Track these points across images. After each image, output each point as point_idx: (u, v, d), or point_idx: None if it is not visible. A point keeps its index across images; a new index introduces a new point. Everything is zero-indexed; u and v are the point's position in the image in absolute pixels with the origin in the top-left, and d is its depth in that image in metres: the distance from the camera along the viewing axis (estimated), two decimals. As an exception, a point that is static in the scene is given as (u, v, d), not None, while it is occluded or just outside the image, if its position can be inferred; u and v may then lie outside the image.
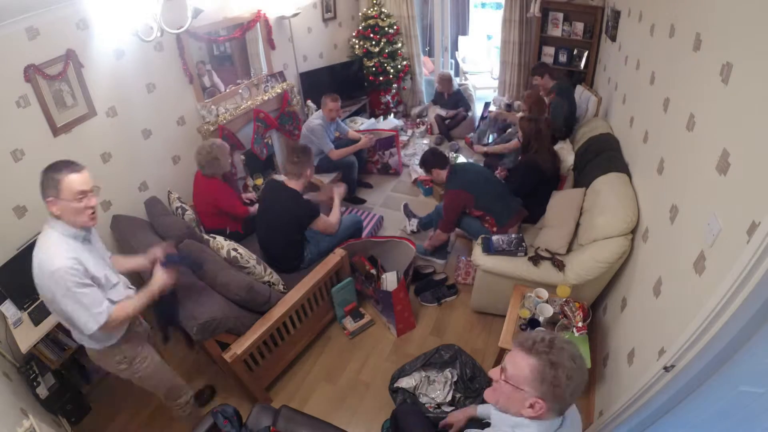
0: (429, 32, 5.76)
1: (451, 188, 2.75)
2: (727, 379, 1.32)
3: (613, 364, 2.05)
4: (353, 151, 3.83)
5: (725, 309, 1.19)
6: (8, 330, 2.18)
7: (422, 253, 3.21)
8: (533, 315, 2.11)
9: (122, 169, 2.81)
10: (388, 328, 2.75)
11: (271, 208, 2.60)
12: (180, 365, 2.60)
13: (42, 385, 2.17)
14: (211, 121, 3.29)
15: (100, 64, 2.53)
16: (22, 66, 2.16)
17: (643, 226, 2.07)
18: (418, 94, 5.46)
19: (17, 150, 2.23)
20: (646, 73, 2.35)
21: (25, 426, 1.64)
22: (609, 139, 2.87)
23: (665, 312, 1.60)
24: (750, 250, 1.10)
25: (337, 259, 2.59)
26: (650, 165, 2.08)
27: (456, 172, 2.79)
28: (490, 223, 2.73)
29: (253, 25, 3.56)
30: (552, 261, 2.40)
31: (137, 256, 1.92)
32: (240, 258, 2.30)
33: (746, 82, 1.31)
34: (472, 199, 2.70)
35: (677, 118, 1.78)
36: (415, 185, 4.15)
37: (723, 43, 1.49)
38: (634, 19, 2.82)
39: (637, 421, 1.65)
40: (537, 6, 4.10)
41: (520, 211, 2.79)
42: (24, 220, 2.29)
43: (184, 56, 3.03)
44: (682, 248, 1.53)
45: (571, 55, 4.28)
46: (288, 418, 1.76)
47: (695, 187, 1.55)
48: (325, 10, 4.54)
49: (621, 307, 2.12)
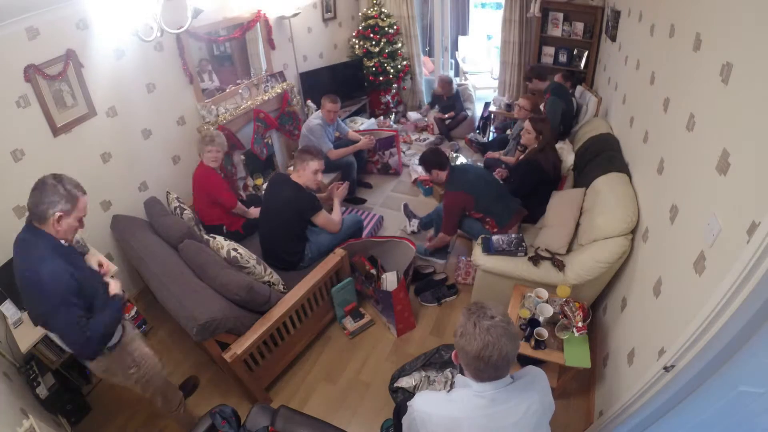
0: (429, 32, 5.76)
1: (451, 190, 2.73)
2: (727, 379, 1.33)
3: (613, 364, 2.05)
4: (352, 152, 3.83)
5: (725, 309, 1.19)
6: (8, 330, 2.18)
7: (422, 254, 3.21)
8: (533, 315, 2.11)
9: (122, 169, 2.81)
10: (388, 328, 2.75)
11: (273, 199, 2.61)
12: (179, 366, 2.60)
13: (42, 385, 2.17)
14: (211, 121, 3.29)
15: (100, 64, 2.53)
16: (22, 66, 2.16)
17: (643, 226, 2.07)
18: (418, 94, 5.46)
19: (17, 150, 2.23)
20: (646, 73, 2.35)
21: (25, 426, 1.63)
22: (609, 139, 2.87)
23: (665, 312, 1.60)
24: (750, 250, 1.10)
25: (337, 259, 2.59)
26: (650, 165, 2.08)
27: (455, 173, 2.75)
28: (490, 224, 2.73)
29: (253, 25, 3.56)
30: (552, 261, 2.40)
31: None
32: (240, 258, 2.30)
33: (746, 82, 1.31)
34: (472, 201, 2.69)
35: (677, 118, 1.78)
36: (415, 185, 4.15)
37: (723, 43, 1.49)
38: (634, 19, 2.82)
39: (637, 421, 1.65)
40: (537, 6, 4.10)
41: (520, 211, 2.79)
42: (24, 220, 2.28)
43: (184, 56, 3.03)
44: (682, 248, 1.53)
45: (571, 55, 4.28)
46: (286, 418, 1.76)
47: (695, 187, 1.55)
48: (325, 10, 4.54)
49: (621, 307, 2.12)
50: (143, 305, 2.85)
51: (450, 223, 2.81)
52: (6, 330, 2.20)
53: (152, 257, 2.33)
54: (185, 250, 2.32)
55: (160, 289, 2.18)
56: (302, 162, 2.55)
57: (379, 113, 5.20)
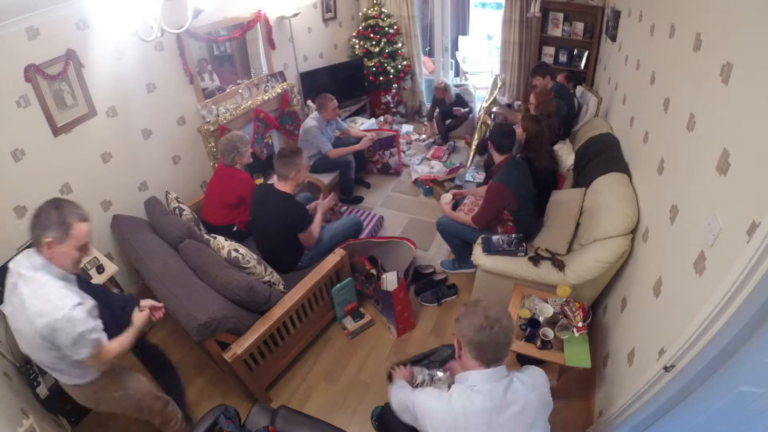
0: (429, 32, 5.75)
1: (503, 183, 2.50)
2: (727, 379, 1.33)
3: (613, 364, 2.05)
4: (351, 152, 3.83)
5: (725, 309, 1.19)
6: (8, 330, 2.17)
7: (451, 268, 3.11)
8: (533, 315, 2.12)
9: (122, 169, 2.81)
10: (388, 328, 2.75)
11: (262, 215, 2.56)
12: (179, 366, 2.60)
13: (42, 384, 2.17)
14: (212, 120, 3.29)
15: (101, 64, 2.53)
16: (23, 66, 2.16)
17: (643, 226, 2.07)
18: (418, 94, 5.46)
19: (17, 150, 2.23)
20: (647, 73, 2.35)
21: (26, 426, 1.64)
22: (609, 139, 2.86)
23: (665, 312, 1.60)
24: (750, 250, 1.10)
25: (337, 259, 2.59)
26: (650, 165, 2.08)
27: (513, 167, 2.54)
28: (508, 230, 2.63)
29: (253, 25, 3.56)
30: (552, 261, 2.40)
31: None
32: (241, 258, 2.30)
33: (746, 82, 1.31)
34: (515, 205, 2.51)
35: (677, 118, 1.78)
36: (415, 185, 4.15)
37: (723, 43, 1.49)
38: (635, 19, 2.82)
39: (637, 421, 1.65)
40: (537, 6, 4.09)
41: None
42: (24, 219, 2.29)
43: (185, 56, 3.04)
44: (682, 248, 1.53)
45: (571, 55, 4.28)
46: (286, 418, 1.76)
47: (695, 187, 1.55)
48: (326, 10, 4.54)
49: (621, 307, 2.12)
50: (143, 305, 2.85)
51: (485, 216, 2.62)
52: (6, 329, 2.20)
53: (152, 257, 2.33)
54: (185, 250, 2.32)
55: (160, 289, 2.18)
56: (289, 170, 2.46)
57: (380, 113, 5.20)
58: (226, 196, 2.84)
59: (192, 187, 3.38)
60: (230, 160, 2.82)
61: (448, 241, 3.02)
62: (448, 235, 2.95)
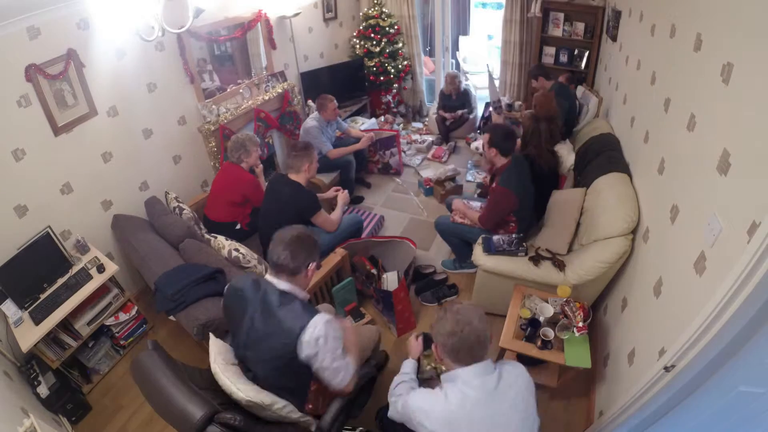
0: (430, 32, 5.76)
1: (507, 187, 2.50)
2: (727, 379, 1.33)
3: (613, 364, 2.05)
4: (351, 152, 3.83)
5: (725, 309, 1.19)
6: (9, 329, 2.18)
7: (451, 268, 3.11)
8: (534, 315, 2.12)
9: (123, 169, 2.81)
10: (388, 328, 2.75)
11: (273, 199, 2.61)
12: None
13: (43, 384, 2.17)
14: (212, 120, 3.29)
15: (101, 63, 2.53)
16: (23, 65, 2.16)
17: (644, 226, 2.07)
18: (419, 93, 5.46)
19: (18, 149, 2.23)
20: (647, 73, 2.35)
21: (26, 425, 1.64)
22: (610, 139, 2.86)
23: (665, 312, 1.60)
24: (750, 250, 1.10)
25: (338, 258, 2.59)
26: (651, 165, 2.08)
27: (515, 169, 2.53)
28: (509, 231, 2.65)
29: (253, 24, 3.56)
30: (552, 261, 2.40)
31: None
32: (242, 258, 2.31)
33: (747, 82, 1.31)
34: (517, 205, 2.52)
35: (678, 118, 1.78)
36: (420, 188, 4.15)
37: (724, 43, 1.49)
38: (635, 19, 2.82)
39: (638, 422, 1.65)
40: (538, 6, 4.09)
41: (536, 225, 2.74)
42: (25, 219, 2.29)
43: (185, 56, 3.04)
44: (683, 248, 1.53)
45: (571, 56, 4.27)
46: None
47: (696, 187, 1.55)
48: (326, 9, 4.54)
49: (621, 307, 2.12)
50: (143, 305, 2.84)
51: (491, 217, 2.62)
52: (7, 329, 2.20)
53: (153, 256, 2.34)
54: (186, 250, 2.33)
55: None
56: (300, 162, 2.54)
57: (380, 113, 5.20)
58: (231, 194, 2.85)
59: (192, 186, 3.38)
60: (236, 157, 2.83)
61: (446, 239, 3.03)
62: (446, 234, 2.97)
